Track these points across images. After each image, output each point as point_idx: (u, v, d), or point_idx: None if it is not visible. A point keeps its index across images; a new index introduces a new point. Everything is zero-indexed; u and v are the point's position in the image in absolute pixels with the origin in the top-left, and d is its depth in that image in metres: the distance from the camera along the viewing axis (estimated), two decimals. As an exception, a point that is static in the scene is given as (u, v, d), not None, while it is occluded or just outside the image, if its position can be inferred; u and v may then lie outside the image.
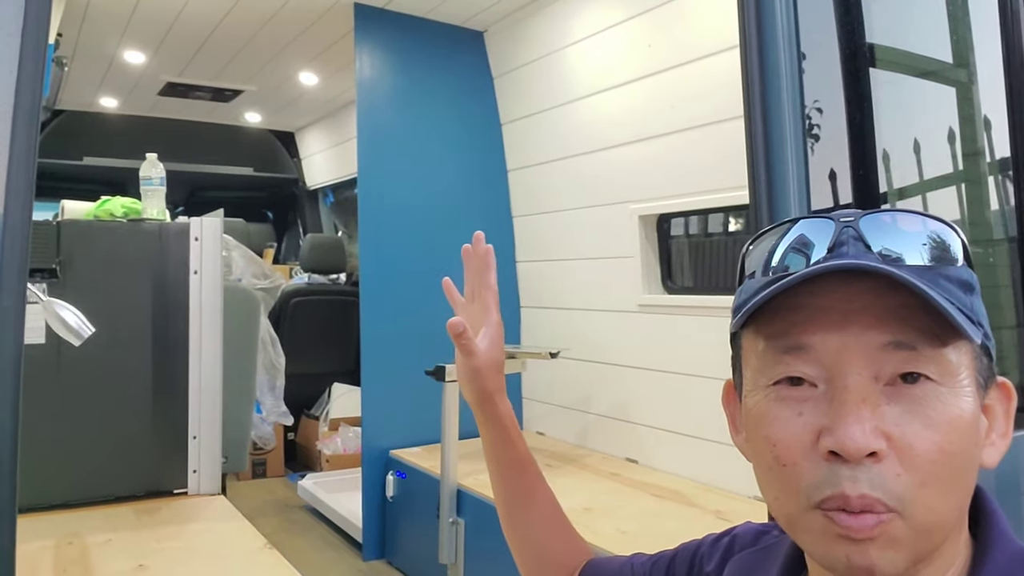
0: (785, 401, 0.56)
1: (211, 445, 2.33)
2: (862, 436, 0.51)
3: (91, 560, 1.74)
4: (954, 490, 0.53)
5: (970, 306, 0.55)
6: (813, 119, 1.51)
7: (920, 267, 0.55)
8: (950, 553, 0.56)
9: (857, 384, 0.53)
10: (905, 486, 0.51)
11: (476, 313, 0.97)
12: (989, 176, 1.61)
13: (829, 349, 0.54)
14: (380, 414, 3.46)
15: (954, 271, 0.55)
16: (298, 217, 6.89)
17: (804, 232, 0.59)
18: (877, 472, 0.51)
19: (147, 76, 4.74)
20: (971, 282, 0.56)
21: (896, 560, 0.52)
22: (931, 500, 0.52)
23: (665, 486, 2.72)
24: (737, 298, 0.62)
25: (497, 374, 0.94)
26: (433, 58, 3.73)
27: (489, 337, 0.95)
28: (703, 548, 0.80)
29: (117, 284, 2.24)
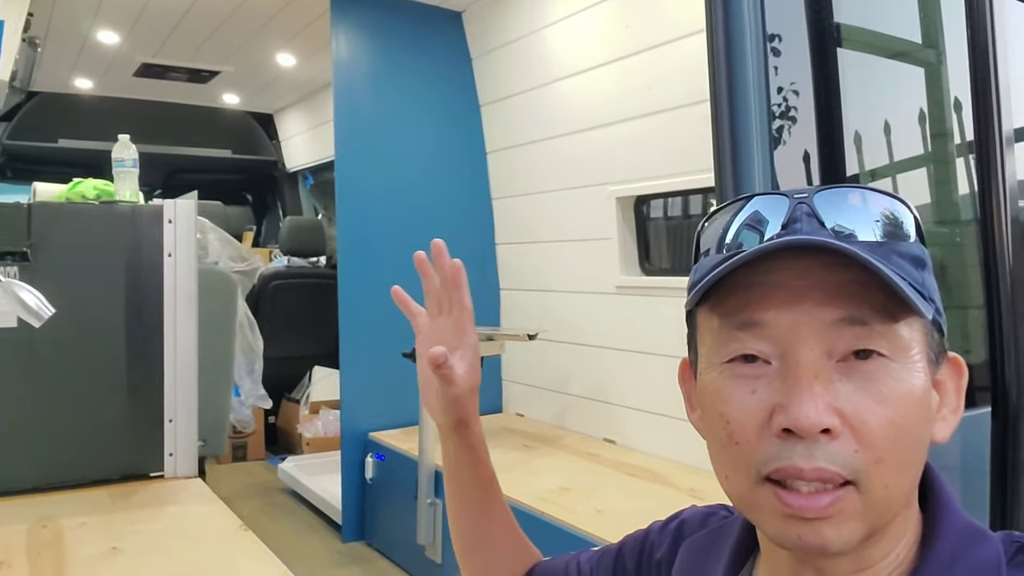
0: (739, 379, 0.56)
1: (187, 428, 2.32)
2: (815, 413, 0.51)
3: (65, 543, 1.74)
4: (908, 466, 0.54)
5: (921, 282, 0.55)
6: (790, 101, 1.52)
7: (873, 243, 0.55)
8: (900, 528, 0.57)
9: (810, 361, 0.53)
10: (862, 461, 0.52)
11: (445, 332, 0.89)
12: (958, 158, 1.63)
13: (782, 326, 0.54)
14: (359, 396, 3.47)
15: (906, 247, 0.55)
16: (278, 200, 6.85)
17: (758, 209, 0.59)
18: (834, 448, 0.52)
19: (122, 57, 4.68)
20: (923, 258, 0.57)
21: (850, 538, 0.53)
22: (887, 476, 0.52)
23: (641, 466, 2.74)
24: (692, 276, 0.62)
25: (472, 398, 0.88)
26: (410, 39, 3.71)
27: (467, 362, 0.86)
28: (651, 536, 0.80)
29: (90, 267, 2.22)
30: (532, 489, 2.52)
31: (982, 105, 1.11)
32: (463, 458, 0.89)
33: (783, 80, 1.45)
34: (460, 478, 0.90)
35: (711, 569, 0.68)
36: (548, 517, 2.29)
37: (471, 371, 0.86)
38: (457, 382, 0.84)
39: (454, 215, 3.76)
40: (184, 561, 1.68)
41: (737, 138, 1.08)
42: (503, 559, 0.91)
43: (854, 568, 0.56)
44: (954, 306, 1.53)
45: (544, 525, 2.26)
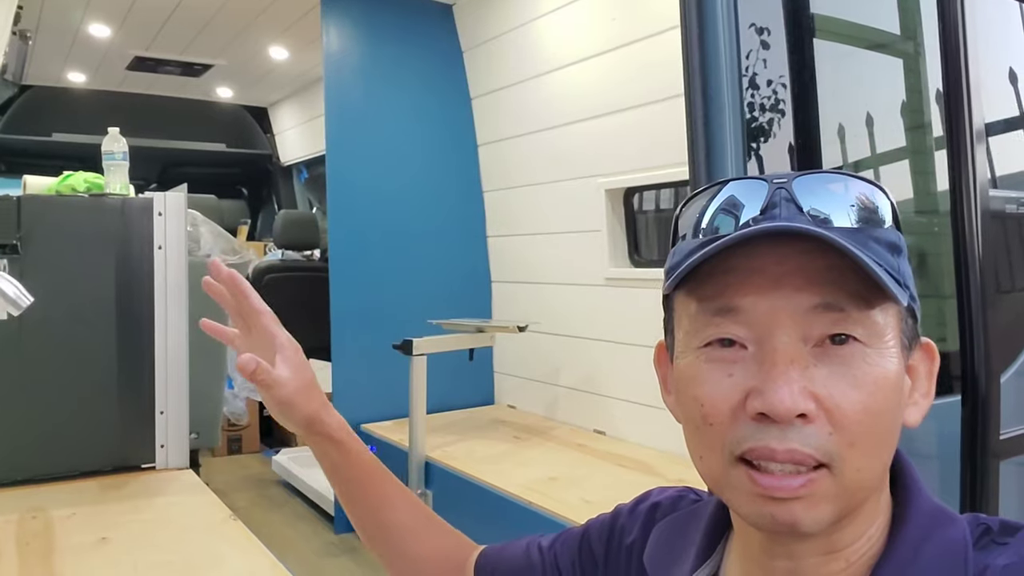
0: (715, 362, 0.56)
1: (178, 420, 2.33)
2: (791, 398, 0.52)
3: (54, 533, 1.75)
4: (881, 449, 0.55)
5: (897, 268, 0.55)
6: (779, 94, 1.53)
7: (850, 229, 0.55)
8: (871, 511, 0.57)
9: (786, 346, 0.53)
10: (836, 445, 0.52)
11: (259, 342, 0.87)
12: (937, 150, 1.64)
13: (759, 311, 0.54)
14: (350, 388, 3.49)
15: (882, 233, 0.56)
16: (272, 194, 6.85)
17: (734, 193, 0.59)
18: (809, 432, 0.52)
19: (114, 50, 4.68)
20: (899, 244, 0.57)
21: (821, 518, 0.53)
22: (860, 459, 0.53)
23: (630, 456, 2.76)
24: (669, 260, 0.62)
25: (311, 393, 0.85)
26: (401, 32, 3.71)
27: (287, 360, 0.84)
28: (620, 520, 0.79)
29: (80, 259, 2.23)
30: (520, 479, 2.54)
31: (953, 99, 1.13)
32: (335, 454, 0.86)
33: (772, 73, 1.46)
34: (344, 477, 0.87)
35: (683, 552, 0.68)
36: (535, 506, 2.31)
37: (296, 369, 0.84)
38: (283, 384, 0.82)
39: (445, 208, 3.77)
40: (172, 551, 1.69)
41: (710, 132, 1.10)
42: (424, 549, 0.89)
43: (826, 550, 0.57)
44: (933, 295, 1.55)
45: (531, 514, 2.28)
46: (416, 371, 2.89)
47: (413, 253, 3.66)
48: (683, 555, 0.68)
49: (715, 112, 1.08)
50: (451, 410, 3.62)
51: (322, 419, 0.85)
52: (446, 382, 3.38)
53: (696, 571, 0.66)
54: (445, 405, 3.56)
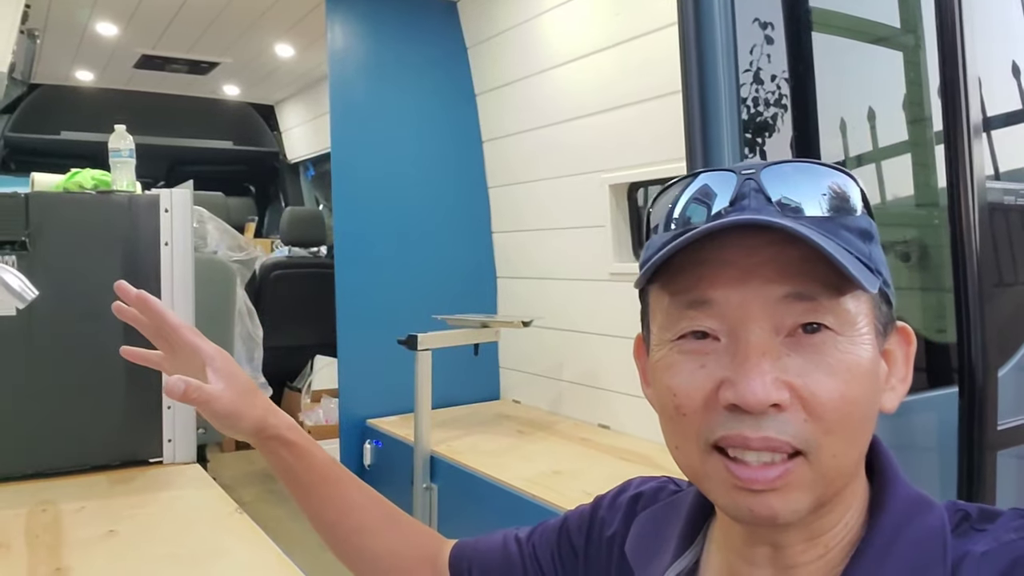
0: (689, 354, 0.57)
1: (185, 415, 2.35)
2: (763, 389, 0.52)
3: (63, 526, 1.78)
4: (857, 436, 0.55)
5: (868, 254, 0.56)
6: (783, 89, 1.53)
7: (820, 218, 0.55)
8: (849, 497, 0.58)
9: (758, 338, 0.54)
10: (812, 432, 0.53)
11: (186, 358, 0.84)
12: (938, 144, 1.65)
13: (731, 303, 0.55)
14: (356, 384, 3.51)
15: (853, 220, 0.56)
16: (279, 191, 6.87)
17: (706, 183, 0.59)
18: (783, 420, 0.53)
19: (121, 48, 4.71)
20: (870, 230, 0.57)
21: (798, 508, 0.54)
22: (836, 446, 0.53)
23: (633, 450, 2.77)
24: (643, 253, 0.62)
25: (252, 399, 0.82)
26: (405, 29, 3.72)
27: (218, 372, 0.81)
28: (600, 512, 0.78)
29: (88, 256, 2.25)
30: (523, 473, 2.55)
31: (951, 92, 1.13)
32: (287, 456, 0.84)
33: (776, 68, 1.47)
34: (296, 476, 0.85)
35: (664, 542, 0.68)
36: (537, 499, 2.33)
37: (230, 378, 0.81)
38: (219, 396, 0.79)
39: (450, 204, 3.79)
40: (179, 544, 1.71)
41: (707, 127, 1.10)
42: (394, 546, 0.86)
43: (805, 537, 0.57)
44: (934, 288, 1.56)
45: (535, 507, 2.30)
46: (421, 366, 2.91)
47: (418, 249, 3.67)
48: (664, 545, 0.68)
49: (712, 107, 1.09)
50: (456, 405, 3.64)
51: (270, 422, 0.82)
52: (451, 377, 3.39)
53: (677, 560, 0.66)
54: (450, 400, 3.58)
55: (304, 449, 0.84)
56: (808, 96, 1.35)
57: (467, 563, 0.84)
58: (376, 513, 0.87)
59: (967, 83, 1.15)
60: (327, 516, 0.86)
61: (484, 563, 0.83)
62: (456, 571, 0.84)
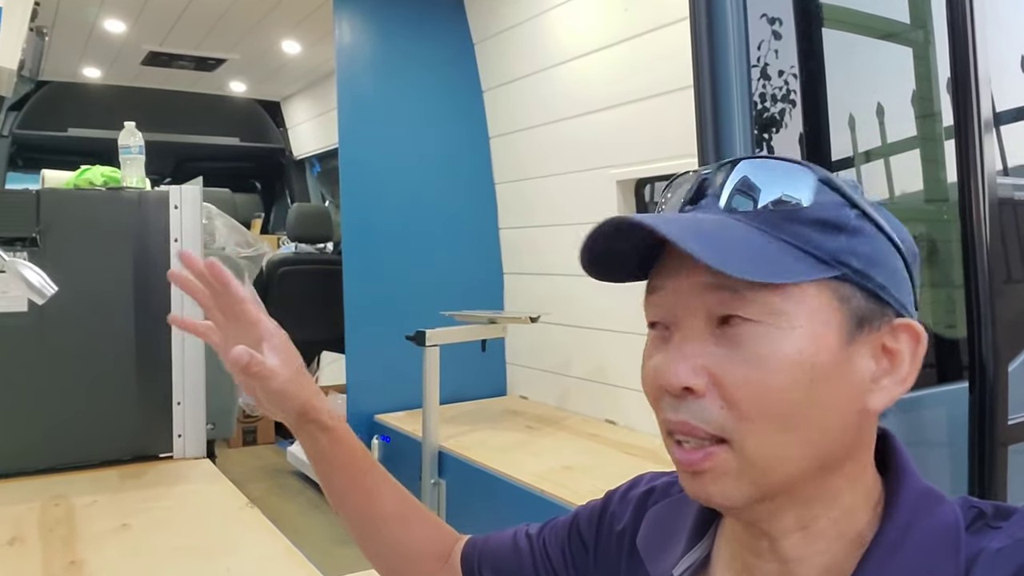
0: (652, 342, 0.60)
1: (195, 410, 2.37)
2: (674, 373, 0.55)
3: (76, 520, 1.79)
4: (791, 427, 0.54)
5: (818, 244, 0.55)
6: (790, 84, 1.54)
7: (760, 211, 0.56)
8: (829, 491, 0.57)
9: (688, 324, 0.57)
10: (729, 419, 0.54)
11: (240, 333, 0.82)
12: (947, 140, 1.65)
13: (669, 291, 0.58)
14: (364, 380, 3.52)
15: (808, 212, 0.55)
16: (285, 187, 6.88)
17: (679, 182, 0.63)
18: (700, 405, 0.55)
19: (129, 45, 4.72)
20: (834, 220, 0.56)
21: (731, 494, 0.55)
22: (759, 436, 0.54)
23: (641, 445, 2.78)
24: None
25: (303, 380, 0.82)
26: (413, 24, 3.73)
27: (276, 349, 0.80)
28: (611, 507, 0.78)
29: (98, 252, 2.27)
30: (533, 469, 2.56)
31: (961, 89, 1.13)
32: (324, 441, 0.84)
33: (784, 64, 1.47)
34: (329, 462, 0.85)
35: (676, 536, 0.69)
36: (547, 495, 2.33)
37: (286, 357, 0.80)
38: (276, 373, 0.78)
39: (457, 200, 3.79)
40: (191, 536, 1.73)
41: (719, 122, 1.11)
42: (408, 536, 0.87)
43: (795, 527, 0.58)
44: (943, 283, 1.56)
45: (544, 503, 2.31)
46: (429, 362, 2.92)
47: (426, 245, 3.68)
48: (676, 539, 0.69)
49: (724, 102, 1.09)
50: (463, 401, 3.65)
51: (314, 405, 0.82)
52: (459, 373, 3.40)
53: (687, 554, 0.66)
54: (458, 396, 3.58)
55: (340, 436, 0.85)
56: (818, 92, 1.35)
57: (478, 559, 0.85)
58: (400, 504, 0.88)
59: (978, 78, 1.15)
60: (354, 502, 0.87)
61: (495, 559, 0.84)
62: (467, 567, 0.85)
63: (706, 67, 1.08)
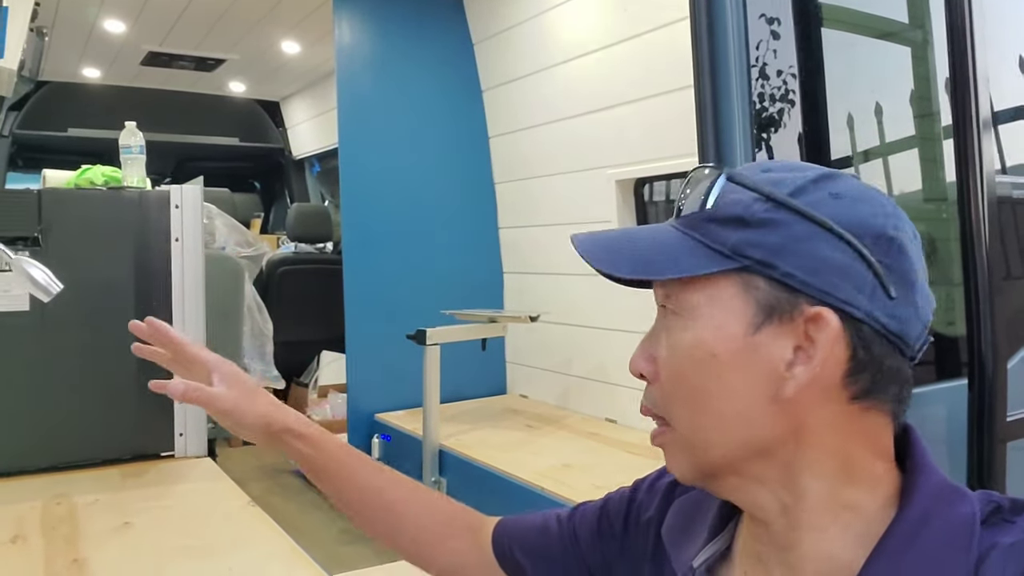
0: None
1: (196, 409, 2.34)
2: (632, 361, 0.64)
3: (78, 518, 1.79)
4: (704, 410, 0.60)
5: (721, 239, 0.58)
6: (789, 84, 1.54)
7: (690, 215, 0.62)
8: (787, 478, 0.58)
9: (657, 314, 0.64)
10: (660, 399, 0.62)
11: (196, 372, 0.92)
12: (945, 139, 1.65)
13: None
14: (365, 379, 3.53)
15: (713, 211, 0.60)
16: (285, 187, 6.89)
17: None
18: (649, 390, 0.64)
19: (128, 45, 4.72)
20: (735, 215, 0.58)
21: (679, 469, 0.63)
22: (681, 416, 0.61)
23: (641, 444, 2.78)
24: None
25: (254, 396, 0.88)
26: (412, 24, 3.74)
27: (224, 376, 0.88)
28: (639, 495, 0.80)
29: (99, 251, 2.27)
30: (533, 467, 2.57)
31: (960, 88, 1.14)
32: (303, 448, 0.88)
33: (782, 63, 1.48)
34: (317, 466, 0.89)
35: (699, 526, 0.70)
36: (547, 492, 2.34)
37: (232, 379, 0.88)
38: (220, 396, 0.86)
39: (457, 199, 3.80)
40: (194, 535, 1.73)
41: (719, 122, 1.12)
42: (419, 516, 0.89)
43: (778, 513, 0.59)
44: (942, 281, 1.57)
45: (545, 500, 2.31)
46: (430, 361, 2.92)
47: (426, 244, 3.68)
48: (699, 529, 0.70)
49: (724, 102, 1.10)
50: (464, 400, 3.65)
51: (275, 417, 0.87)
52: (459, 372, 3.41)
53: (708, 544, 0.68)
54: (458, 395, 3.59)
55: (318, 439, 0.88)
56: (817, 91, 1.35)
57: (508, 540, 0.86)
58: (399, 491, 0.90)
59: (977, 77, 1.16)
60: (350, 498, 0.90)
61: (525, 540, 0.86)
62: (499, 548, 0.87)
63: (706, 67, 1.09)
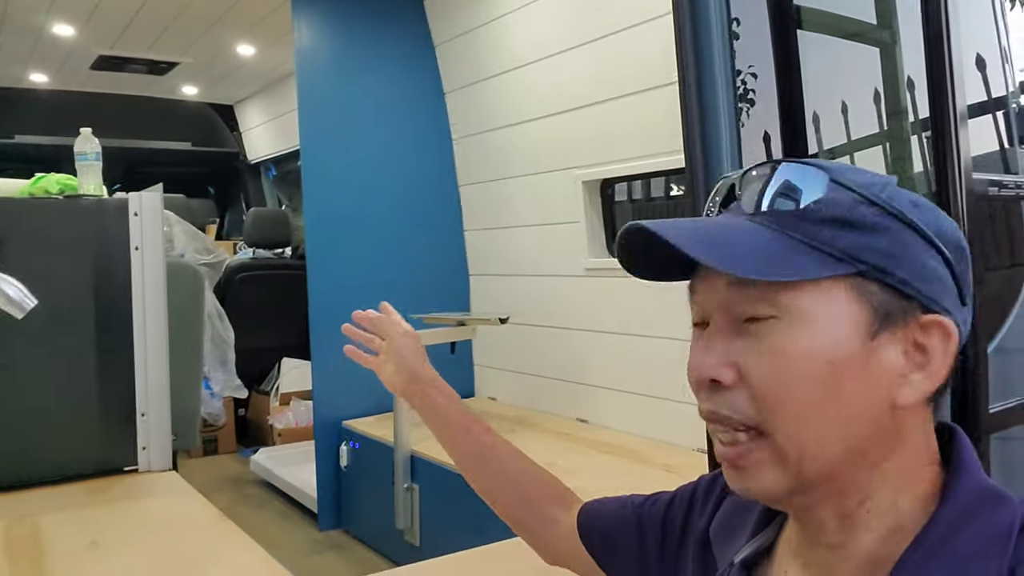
0: (693, 340, 0.63)
1: (160, 421, 2.31)
2: (700, 367, 0.59)
3: (43, 539, 1.73)
4: (816, 420, 0.55)
5: (829, 241, 0.56)
6: (748, 84, 1.55)
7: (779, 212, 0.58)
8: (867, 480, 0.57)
9: (717, 321, 0.60)
10: (757, 410, 0.57)
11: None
12: (913, 135, 1.68)
13: (701, 291, 0.62)
14: (331, 386, 3.47)
15: (821, 211, 0.57)
16: (240, 192, 6.79)
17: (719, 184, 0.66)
18: (728, 396, 0.58)
19: (78, 49, 4.60)
20: (848, 217, 0.57)
21: (767, 487, 0.57)
22: (787, 425, 0.56)
23: (615, 443, 2.79)
24: None
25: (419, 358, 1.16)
26: (373, 27, 3.70)
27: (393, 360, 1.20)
28: (698, 491, 0.82)
29: (56, 262, 2.20)
30: (507, 470, 2.55)
31: (936, 82, 1.15)
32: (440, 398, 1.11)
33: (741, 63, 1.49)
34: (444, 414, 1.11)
35: (742, 526, 0.71)
36: (524, 496, 2.33)
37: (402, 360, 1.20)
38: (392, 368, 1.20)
39: (421, 202, 3.77)
40: (165, 552, 1.69)
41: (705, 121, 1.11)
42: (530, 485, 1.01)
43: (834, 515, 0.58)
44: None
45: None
46: (399, 366, 2.89)
47: (390, 247, 3.64)
48: (742, 527, 0.71)
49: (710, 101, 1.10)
50: (432, 404, 3.61)
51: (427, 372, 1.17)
52: (427, 376, 3.37)
53: (749, 541, 0.68)
54: (426, 399, 3.55)
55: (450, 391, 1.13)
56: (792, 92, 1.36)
57: (589, 520, 0.92)
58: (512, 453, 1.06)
59: (953, 73, 1.17)
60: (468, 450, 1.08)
61: (603, 523, 0.90)
62: (582, 528, 0.92)
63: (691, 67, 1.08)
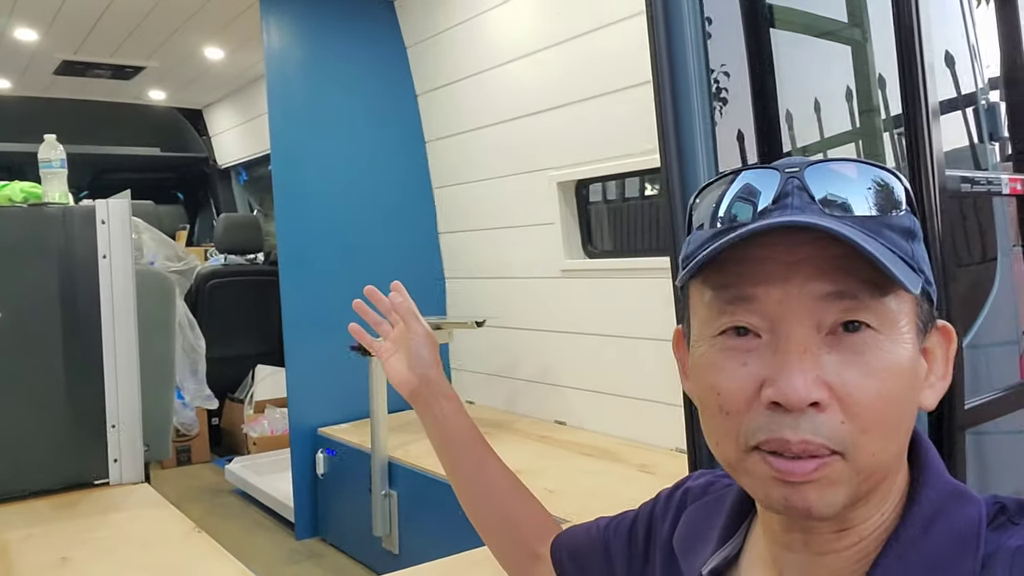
0: (730, 351, 0.57)
1: (131, 433, 2.27)
2: (804, 387, 0.52)
3: (11, 556, 1.69)
4: (895, 434, 0.55)
5: (911, 253, 0.56)
6: (721, 83, 1.55)
7: (863, 216, 0.55)
8: (886, 491, 0.58)
9: (800, 335, 0.54)
10: (849, 433, 0.53)
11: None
12: (884, 132, 1.69)
13: (772, 300, 0.55)
14: (306, 393, 3.44)
15: (897, 219, 0.56)
16: (210, 197, 6.70)
17: (749, 182, 0.59)
18: (821, 420, 0.53)
19: (41, 54, 4.52)
20: (913, 229, 0.57)
21: (833, 501, 0.54)
22: (874, 445, 0.54)
23: (592, 444, 2.78)
24: (684, 248, 0.63)
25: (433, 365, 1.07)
26: (343, 29, 3.66)
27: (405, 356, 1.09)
28: (658, 507, 0.81)
29: (21, 272, 2.15)
30: (485, 474, 2.53)
31: (909, 80, 1.16)
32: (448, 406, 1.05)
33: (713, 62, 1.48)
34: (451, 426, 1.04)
35: (707, 534, 0.69)
36: (503, 501, 2.31)
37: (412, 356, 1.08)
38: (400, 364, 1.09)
39: (395, 205, 3.74)
40: (139, 566, 1.65)
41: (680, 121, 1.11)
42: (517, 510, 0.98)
43: (837, 527, 0.58)
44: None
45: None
46: (376, 372, 2.86)
47: (364, 252, 3.61)
48: (707, 537, 0.69)
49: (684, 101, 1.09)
50: (409, 409, 3.57)
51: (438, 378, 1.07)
52: (402, 381, 3.34)
53: (717, 551, 0.67)
54: (403, 405, 3.49)
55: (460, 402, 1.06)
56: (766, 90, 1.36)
57: (561, 555, 0.91)
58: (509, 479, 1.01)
59: (924, 70, 1.18)
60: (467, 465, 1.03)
61: (572, 547, 0.90)
62: (555, 555, 0.91)
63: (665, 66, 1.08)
